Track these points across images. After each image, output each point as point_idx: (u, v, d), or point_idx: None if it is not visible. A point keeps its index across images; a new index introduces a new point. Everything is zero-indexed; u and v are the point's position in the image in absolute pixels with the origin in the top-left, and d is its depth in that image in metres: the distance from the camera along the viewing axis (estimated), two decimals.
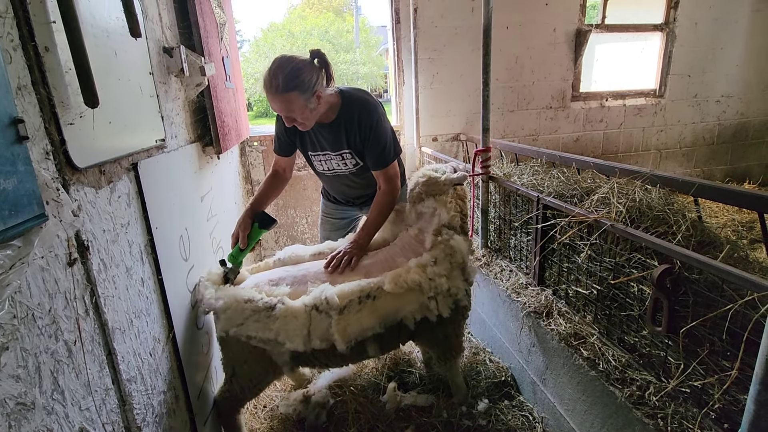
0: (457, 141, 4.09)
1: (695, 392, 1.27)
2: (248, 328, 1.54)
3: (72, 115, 0.96)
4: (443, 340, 1.83)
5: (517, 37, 3.98)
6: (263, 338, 1.55)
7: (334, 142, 1.88)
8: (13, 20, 0.81)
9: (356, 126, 1.81)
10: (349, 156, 1.91)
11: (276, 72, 1.62)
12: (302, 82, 1.63)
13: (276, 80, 1.61)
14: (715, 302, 1.20)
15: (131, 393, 1.13)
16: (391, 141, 1.90)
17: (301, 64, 1.64)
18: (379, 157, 1.86)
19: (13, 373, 0.73)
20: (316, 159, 1.99)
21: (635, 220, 1.62)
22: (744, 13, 4.48)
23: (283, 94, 1.63)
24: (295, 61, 1.64)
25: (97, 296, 1.01)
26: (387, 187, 1.89)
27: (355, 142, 1.85)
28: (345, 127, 1.83)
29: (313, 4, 23.14)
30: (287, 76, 1.61)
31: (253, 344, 1.57)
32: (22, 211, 0.73)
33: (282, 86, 1.61)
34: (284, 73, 1.61)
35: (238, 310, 1.54)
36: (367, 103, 1.82)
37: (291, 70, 1.62)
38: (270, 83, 1.63)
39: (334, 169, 1.99)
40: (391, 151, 1.88)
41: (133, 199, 1.27)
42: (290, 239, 3.94)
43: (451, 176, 1.83)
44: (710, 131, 4.80)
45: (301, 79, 1.62)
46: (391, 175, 1.90)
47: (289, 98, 1.63)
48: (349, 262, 1.75)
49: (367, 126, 1.81)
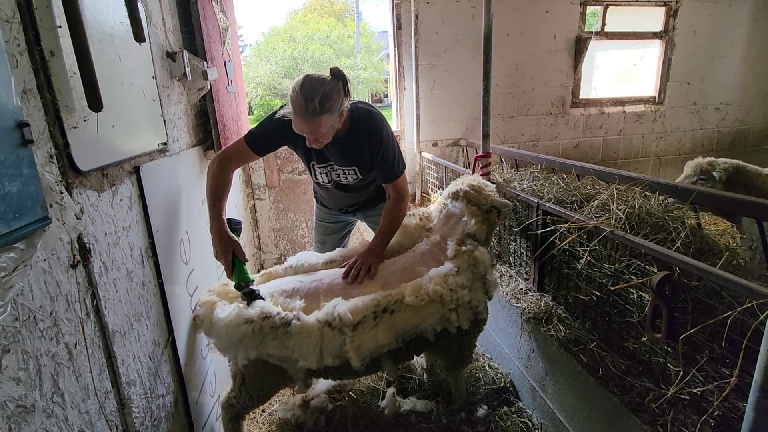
0: (457, 146, 4.11)
1: (694, 399, 1.27)
2: (266, 347, 1.50)
3: (76, 118, 0.97)
4: (457, 350, 1.81)
5: (518, 44, 4.01)
6: (280, 356, 1.51)
7: (341, 157, 1.86)
8: (20, 25, 0.82)
9: (366, 145, 1.81)
10: (353, 172, 1.91)
11: (311, 95, 1.55)
12: (334, 104, 1.60)
13: (312, 103, 1.55)
14: (714, 309, 1.20)
15: (130, 396, 1.13)
16: (399, 154, 1.90)
17: (331, 85, 1.60)
18: (389, 172, 1.86)
19: (14, 375, 0.73)
20: (318, 170, 1.96)
21: (635, 226, 1.63)
22: (742, 22, 4.52)
23: (319, 117, 1.58)
24: (326, 82, 1.59)
25: (98, 299, 1.01)
26: (398, 195, 1.90)
27: (362, 159, 1.85)
28: (353, 144, 1.81)
29: (314, 9, 23.29)
30: (322, 99, 1.56)
31: (270, 361, 1.54)
32: (26, 214, 0.74)
33: (318, 109, 1.56)
34: (320, 95, 1.56)
35: (256, 331, 1.49)
36: (375, 121, 1.80)
37: (325, 92, 1.57)
38: (306, 107, 1.56)
39: (334, 180, 1.98)
40: (399, 164, 1.89)
41: (135, 202, 1.27)
42: (290, 243, 3.94)
43: (496, 197, 1.80)
44: (709, 138, 4.83)
45: (333, 100, 1.60)
46: (400, 184, 1.90)
47: (321, 121, 1.60)
48: (368, 271, 1.71)
49: (376, 145, 1.80)
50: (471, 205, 1.78)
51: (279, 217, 3.87)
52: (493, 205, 1.78)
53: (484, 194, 1.79)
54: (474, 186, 1.81)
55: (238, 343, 1.50)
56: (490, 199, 1.79)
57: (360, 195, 2.10)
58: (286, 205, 3.85)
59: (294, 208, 3.87)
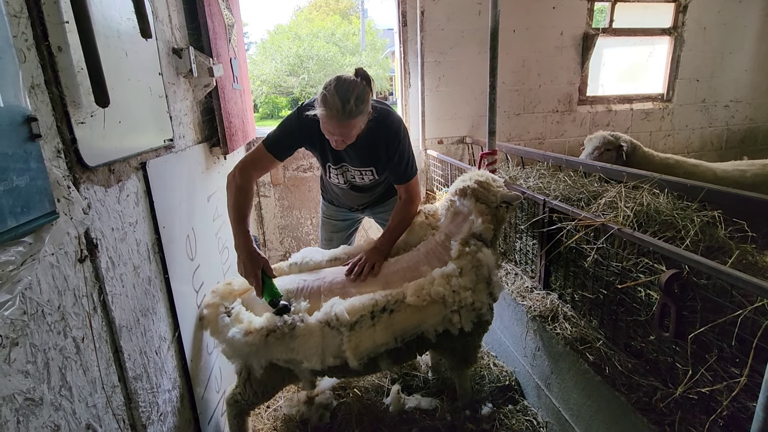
0: (463, 144, 4.09)
1: (703, 399, 1.26)
2: (273, 353, 1.52)
3: (83, 114, 0.97)
4: (461, 350, 1.80)
5: (524, 41, 3.98)
6: (287, 359, 1.53)
7: (359, 158, 1.86)
8: (28, 20, 0.82)
9: (383, 146, 1.80)
10: (369, 173, 1.91)
11: (347, 96, 1.53)
12: (366, 105, 1.60)
13: (349, 105, 1.53)
14: (723, 308, 1.18)
15: (137, 391, 1.14)
16: (413, 156, 1.89)
17: (363, 86, 1.58)
18: (403, 174, 1.86)
19: (22, 368, 0.74)
20: (334, 171, 1.95)
21: (643, 224, 1.61)
22: (753, 18, 4.45)
23: (354, 119, 1.57)
24: (358, 83, 1.58)
25: (105, 294, 1.02)
26: (409, 196, 1.89)
27: (380, 160, 1.85)
28: (373, 145, 1.80)
29: (319, 7, 23.27)
30: (357, 100, 1.55)
31: (279, 364, 1.56)
32: (34, 209, 0.74)
33: (355, 111, 1.55)
34: (354, 97, 1.54)
35: (263, 345, 1.51)
36: (394, 123, 1.80)
37: (359, 93, 1.56)
38: (343, 108, 1.53)
39: (350, 181, 1.98)
40: (413, 166, 1.89)
41: (141, 198, 1.28)
42: (295, 240, 3.95)
43: (505, 191, 1.75)
44: (718, 136, 4.76)
45: (366, 101, 1.59)
46: (413, 186, 1.90)
47: (355, 123, 1.59)
48: (371, 269, 1.70)
49: (393, 147, 1.80)
50: (479, 203, 1.72)
51: (284, 214, 3.88)
52: (504, 200, 1.73)
53: (493, 190, 1.73)
54: (482, 182, 1.75)
55: (248, 356, 1.53)
56: (499, 194, 1.73)
57: (372, 194, 2.10)
58: (291, 202, 3.86)
59: (299, 205, 3.88)
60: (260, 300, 1.59)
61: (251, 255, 1.61)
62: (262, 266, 1.60)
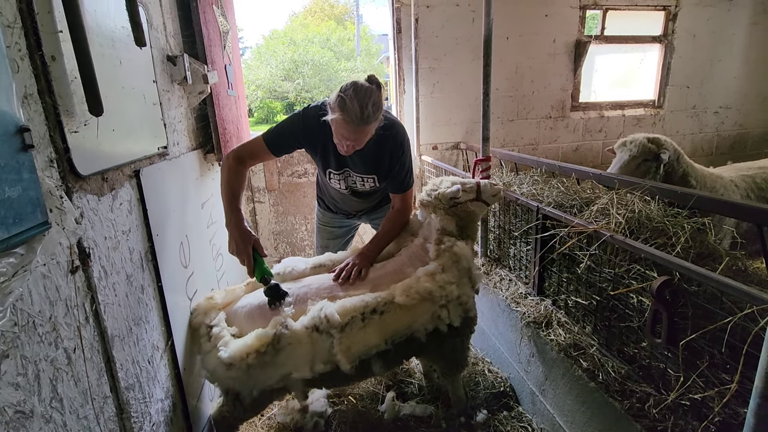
0: (457, 150, 4.11)
1: (695, 405, 1.27)
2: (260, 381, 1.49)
3: (76, 123, 0.97)
4: (450, 354, 1.80)
5: (518, 48, 4.02)
6: (276, 379, 1.50)
7: (362, 165, 1.86)
8: (21, 30, 0.82)
9: (387, 154, 1.82)
10: (371, 180, 1.92)
11: (365, 102, 1.54)
12: (380, 112, 1.62)
13: (366, 110, 1.54)
14: (714, 315, 1.20)
15: (129, 401, 1.12)
16: (412, 167, 1.91)
17: (377, 93, 1.59)
18: (401, 183, 1.88)
19: (12, 381, 0.73)
20: (335, 176, 1.95)
21: (635, 231, 1.63)
22: (741, 26, 4.53)
23: (369, 125, 1.58)
24: (373, 90, 1.58)
25: (97, 303, 1.01)
26: (403, 206, 1.92)
27: (382, 168, 1.86)
28: (377, 153, 1.81)
29: (314, 12, 23.36)
30: (374, 107, 1.56)
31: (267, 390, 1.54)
32: (26, 219, 0.73)
33: (372, 117, 1.56)
34: (372, 103, 1.55)
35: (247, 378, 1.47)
36: (399, 133, 1.82)
37: (375, 100, 1.57)
38: (360, 114, 1.54)
39: (350, 186, 1.98)
40: (412, 177, 1.91)
41: (135, 206, 1.27)
42: (289, 246, 3.94)
43: (444, 190, 1.79)
44: (709, 142, 4.83)
45: (380, 108, 1.61)
46: (408, 197, 1.92)
47: (369, 129, 1.60)
48: (359, 273, 1.71)
49: (396, 156, 1.82)
50: (427, 208, 1.82)
51: (279, 220, 3.87)
52: (450, 196, 1.76)
53: (436, 195, 1.80)
54: (428, 191, 1.83)
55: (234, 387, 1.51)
56: (441, 196, 1.78)
57: (372, 199, 2.11)
58: (285, 208, 3.85)
59: (294, 211, 3.87)
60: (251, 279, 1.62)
61: (243, 233, 1.62)
62: (253, 245, 1.61)
